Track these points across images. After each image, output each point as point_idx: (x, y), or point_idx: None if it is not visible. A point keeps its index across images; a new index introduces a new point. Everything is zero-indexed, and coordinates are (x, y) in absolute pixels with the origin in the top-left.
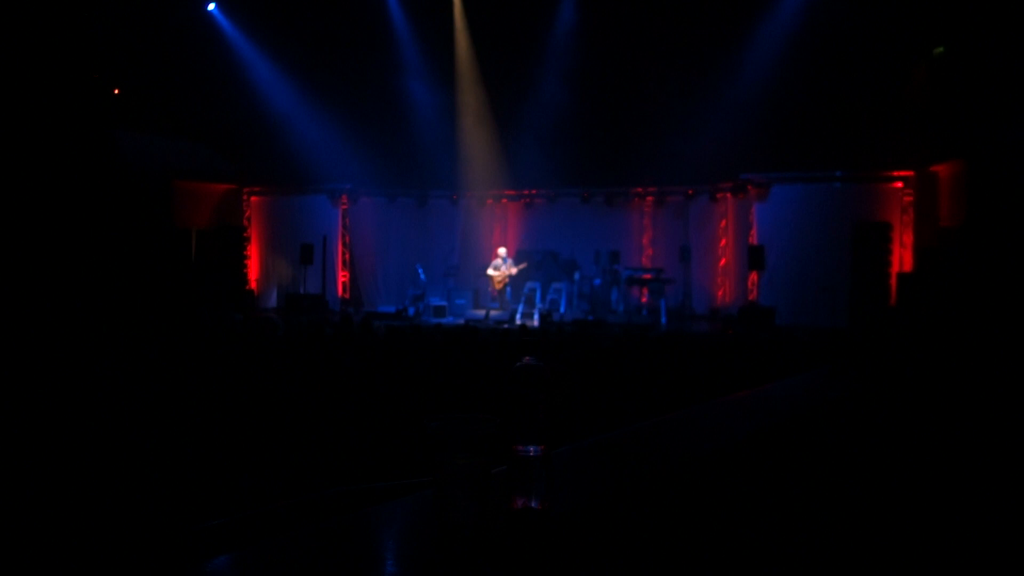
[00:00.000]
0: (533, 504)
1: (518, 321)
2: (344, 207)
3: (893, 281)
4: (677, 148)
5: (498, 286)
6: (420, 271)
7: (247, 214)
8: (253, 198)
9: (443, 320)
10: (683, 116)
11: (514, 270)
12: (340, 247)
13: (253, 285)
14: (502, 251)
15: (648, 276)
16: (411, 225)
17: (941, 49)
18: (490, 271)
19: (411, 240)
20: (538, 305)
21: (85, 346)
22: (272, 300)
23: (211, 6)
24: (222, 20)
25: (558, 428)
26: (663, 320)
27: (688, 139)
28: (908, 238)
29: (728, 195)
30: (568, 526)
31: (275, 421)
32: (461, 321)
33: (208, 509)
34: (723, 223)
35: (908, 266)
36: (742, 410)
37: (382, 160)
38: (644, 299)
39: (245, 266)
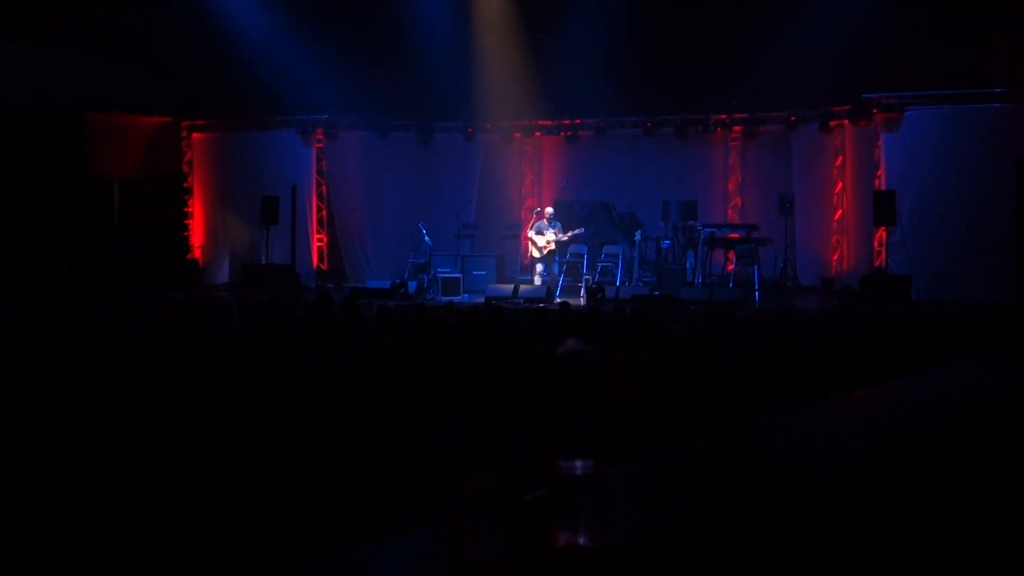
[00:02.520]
0: (581, 540)
1: (557, 299)
2: (319, 145)
3: None
4: (775, 60)
5: (544, 253)
6: (424, 232)
7: (188, 157)
8: (196, 135)
9: (456, 298)
10: (782, 17)
11: (565, 236)
12: (315, 201)
13: (197, 253)
14: (550, 211)
15: (735, 235)
16: (411, 169)
17: None
18: (532, 234)
19: (411, 190)
20: (585, 276)
21: None
22: (223, 273)
23: None
24: None
25: (614, 437)
26: (756, 295)
27: (790, 48)
28: None
29: (845, 123)
30: (628, 570)
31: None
32: (480, 299)
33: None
34: (838, 161)
35: None
36: (864, 415)
37: (371, 82)
38: (730, 266)
39: (186, 227)
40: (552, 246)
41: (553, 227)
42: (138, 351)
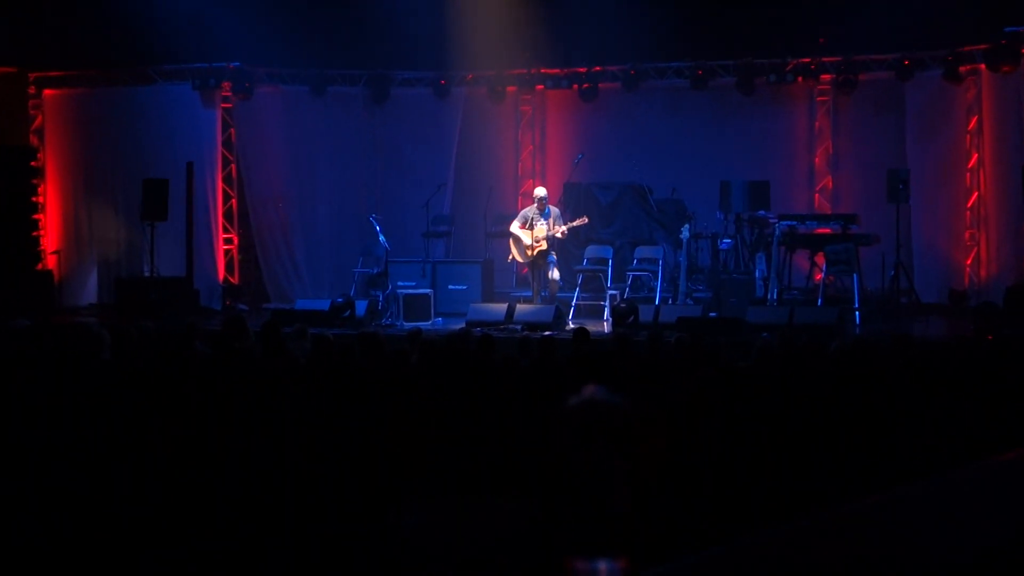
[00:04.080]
0: None
1: (570, 323)
2: (227, 106)
3: None
4: None
5: (530, 255)
6: (378, 230)
7: (37, 123)
8: (49, 93)
9: (424, 324)
10: None
11: (562, 229)
12: (220, 186)
13: (51, 262)
14: (541, 192)
15: (825, 231)
16: (359, 139)
17: None
18: (516, 228)
19: (359, 169)
20: (610, 291)
21: None
22: (89, 291)
23: None
24: None
25: (650, 522)
26: (856, 317)
27: None
28: None
29: (981, 68)
30: None
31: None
32: (459, 325)
33: None
34: (972, 123)
35: None
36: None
37: (301, 16)
38: (818, 275)
39: (36, 225)
40: (543, 245)
41: (546, 216)
42: None
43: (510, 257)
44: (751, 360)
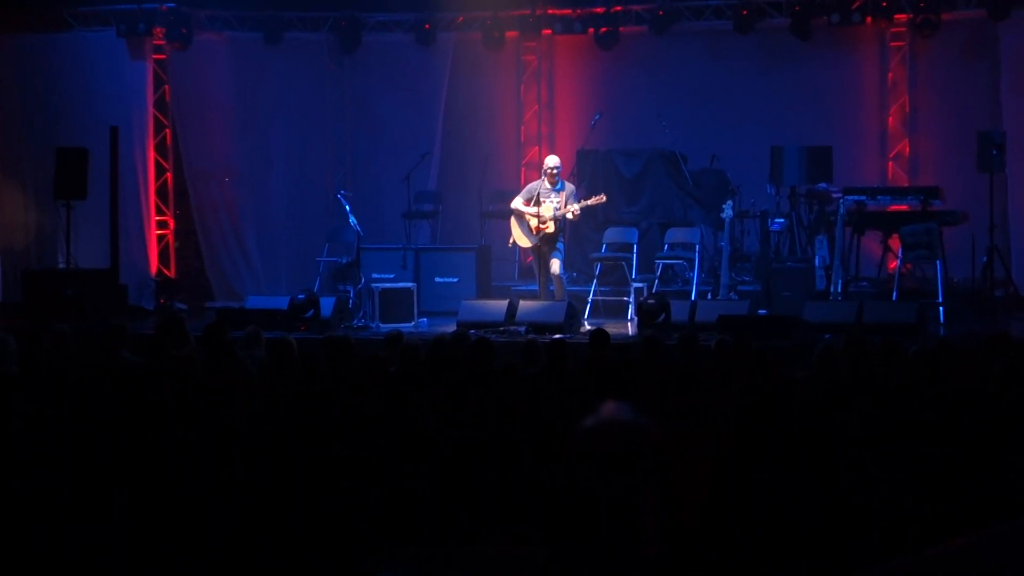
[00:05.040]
0: None
1: (585, 324)
2: (160, 57)
3: None
4: None
5: (535, 239)
6: (348, 209)
7: None
8: None
9: (406, 326)
10: None
11: (574, 208)
12: (151, 156)
13: None
14: (552, 162)
15: (901, 207)
16: (324, 97)
17: None
18: (519, 205)
19: (325, 133)
20: (635, 284)
21: None
22: None
23: None
24: None
25: (688, 570)
26: (940, 313)
27: None
28: None
29: None
30: None
31: None
32: (449, 327)
33: None
34: None
35: None
36: None
37: None
38: (893, 263)
39: None
40: (550, 228)
41: (557, 191)
42: None
43: (511, 241)
44: (811, 368)
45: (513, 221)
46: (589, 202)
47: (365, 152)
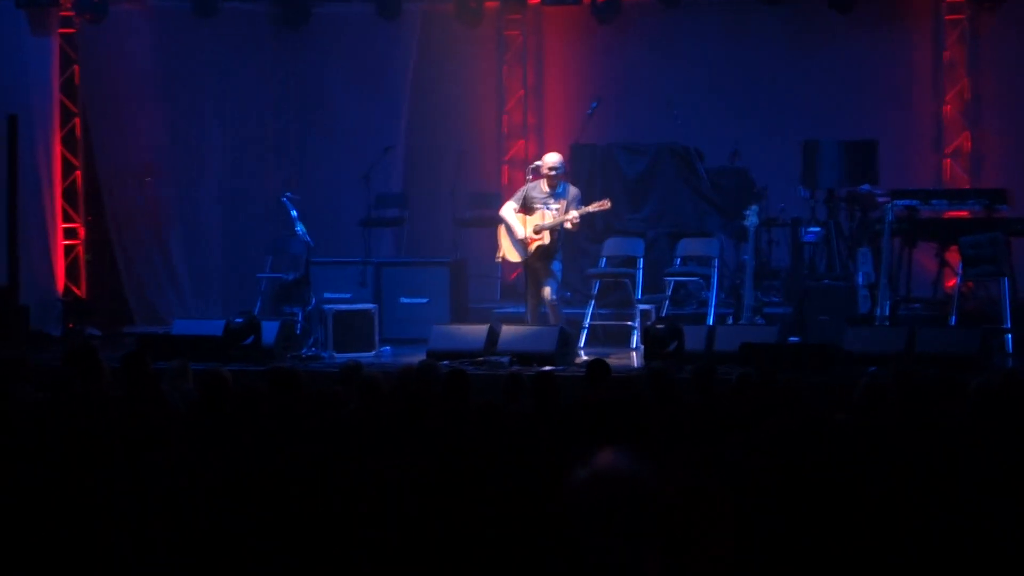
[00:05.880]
0: None
1: (582, 353)
2: (68, 31)
3: None
4: None
5: (519, 255)
6: (295, 215)
7: None
8: None
9: (365, 356)
10: None
11: (573, 216)
12: (58, 151)
13: None
14: (552, 160)
15: (962, 213)
16: (265, 81)
17: None
18: (508, 213)
19: (266, 124)
20: (640, 306)
21: None
22: None
23: None
24: None
25: None
26: (1008, 340)
27: None
28: None
29: None
30: None
31: None
32: (418, 355)
33: None
34: None
35: None
36: None
37: None
38: (951, 281)
39: None
40: (544, 239)
41: (557, 196)
42: None
43: (500, 256)
44: (852, 409)
45: (502, 231)
46: (590, 208)
47: (316, 147)
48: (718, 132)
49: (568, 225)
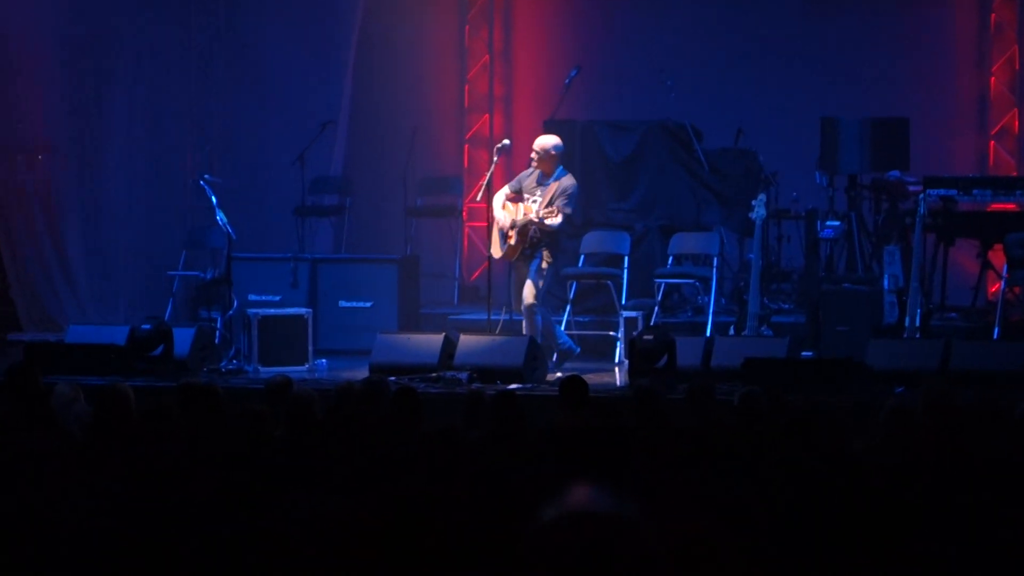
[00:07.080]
0: None
1: (553, 370)
2: None
3: None
4: None
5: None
6: (215, 202)
7: None
8: None
9: (296, 370)
10: None
11: (553, 218)
12: None
13: None
14: (548, 142)
15: (1008, 205)
16: (181, 39)
17: None
18: (498, 199)
19: (181, 91)
20: (624, 313)
21: None
22: None
23: None
24: None
25: None
26: None
27: None
28: None
29: None
30: None
31: None
32: (360, 369)
33: None
34: None
35: None
36: None
37: None
38: (995, 285)
39: None
40: (512, 238)
41: (543, 188)
42: None
43: (499, 254)
44: (876, 436)
45: (494, 227)
46: (533, 218)
47: (242, 120)
48: (719, 107)
49: (548, 219)
